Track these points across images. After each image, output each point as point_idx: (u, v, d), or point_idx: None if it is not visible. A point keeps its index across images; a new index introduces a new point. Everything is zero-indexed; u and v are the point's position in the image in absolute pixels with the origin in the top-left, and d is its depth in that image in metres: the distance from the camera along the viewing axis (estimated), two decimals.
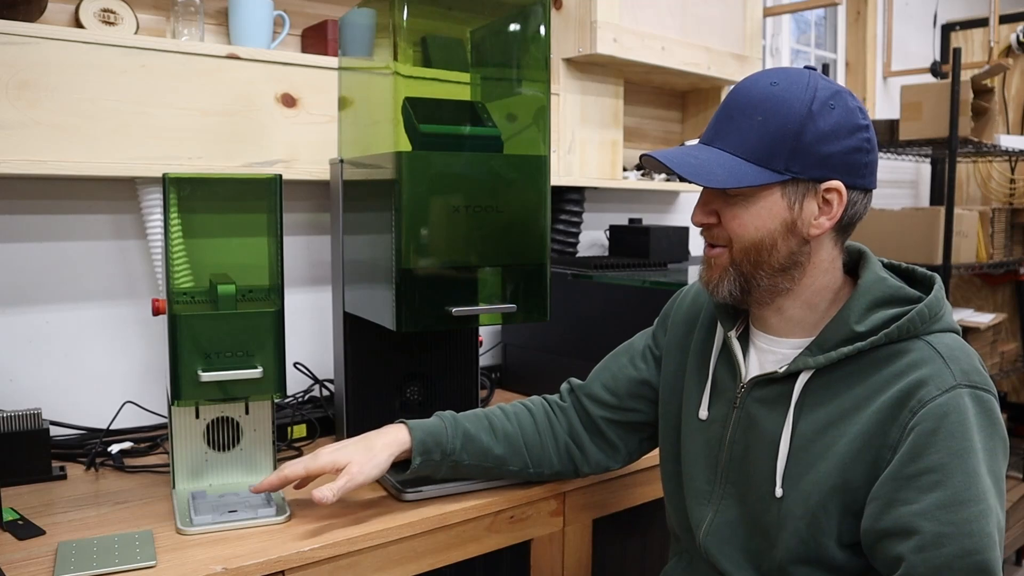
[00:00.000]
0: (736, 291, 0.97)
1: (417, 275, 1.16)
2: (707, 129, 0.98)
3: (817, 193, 0.93)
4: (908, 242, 2.68)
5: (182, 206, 1.14)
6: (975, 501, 0.84)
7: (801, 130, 0.91)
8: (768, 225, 0.94)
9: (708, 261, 1.00)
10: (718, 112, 0.97)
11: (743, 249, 0.95)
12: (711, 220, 0.98)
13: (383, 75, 1.19)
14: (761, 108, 0.92)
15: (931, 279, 0.98)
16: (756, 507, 0.99)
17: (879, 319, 0.93)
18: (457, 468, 1.16)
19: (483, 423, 1.18)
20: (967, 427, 0.86)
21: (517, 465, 1.19)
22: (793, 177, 0.92)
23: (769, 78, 0.94)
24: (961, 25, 3.50)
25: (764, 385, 1.00)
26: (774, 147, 0.91)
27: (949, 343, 0.92)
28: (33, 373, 1.44)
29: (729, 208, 0.95)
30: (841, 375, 0.94)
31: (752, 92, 0.94)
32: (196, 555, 1.00)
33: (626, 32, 1.90)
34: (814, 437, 0.94)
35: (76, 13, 1.41)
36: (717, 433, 1.05)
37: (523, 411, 1.22)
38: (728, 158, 0.93)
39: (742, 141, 0.93)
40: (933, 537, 0.83)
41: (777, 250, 0.95)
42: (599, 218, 2.32)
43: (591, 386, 1.23)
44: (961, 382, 0.88)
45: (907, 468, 0.86)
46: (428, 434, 1.14)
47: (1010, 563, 2.98)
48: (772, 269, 0.96)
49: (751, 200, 0.94)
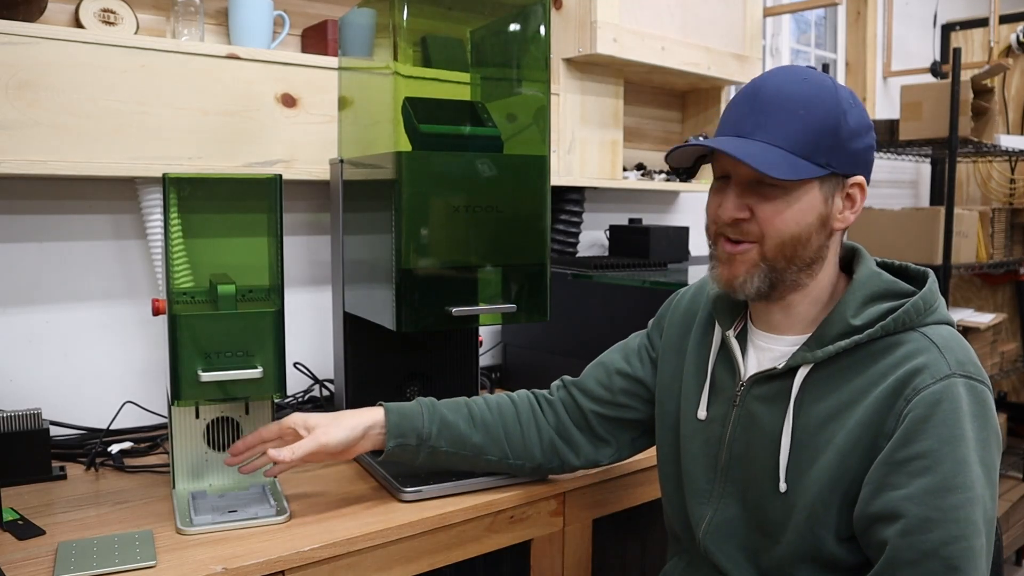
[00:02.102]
0: (764, 287, 0.97)
1: (417, 275, 1.16)
2: (736, 123, 0.95)
3: (844, 187, 0.95)
4: (908, 242, 2.69)
5: (182, 206, 1.14)
6: (963, 489, 0.84)
7: (838, 125, 0.92)
8: (806, 219, 0.94)
9: (731, 258, 0.98)
10: (746, 105, 0.95)
11: (779, 244, 0.94)
12: (744, 215, 0.96)
13: (383, 75, 1.19)
14: (801, 102, 0.92)
15: (924, 274, 0.99)
16: (757, 504, 0.99)
17: (875, 312, 0.94)
18: (435, 455, 1.15)
19: (462, 411, 1.18)
20: (960, 415, 0.87)
21: (496, 455, 1.18)
22: (832, 172, 0.93)
23: (797, 74, 0.95)
24: (961, 25, 3.50)
25: (764, 382, 1.00)
26: (818, 141, 0.92)
27: (944, 334, 0.93)
28: (33, 373, 1.44)
29: (767, 202, 0.94)
30: (839, 368, 0.95)
31: (787, 87, 0.93)
32: (196, 555, 1.00)
33: (626, 32, 1.90)
34: (815, 431, 0.94)
35: (76, 13, 1.41)
36: (717, 432, 1.05)
37: (506, 402, 1.22)
38: (774, 151, 0.91)
39: (786, 134, 0.92)
40: (919, 522, 0.84)
41: (810, 244, 0.95)
42: (599, 218, 2.32)
43: (584, 380, 1.23)
44: (956, 371, 0.89)
45: (898, 453, 0.87)
46: (403, 417, 1.14)
47: (1010, 563, 2.98)
48: (802, 263, 0.96)
49: (791, 194, 0.93)
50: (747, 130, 0.94)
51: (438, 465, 1.18)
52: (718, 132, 0.98)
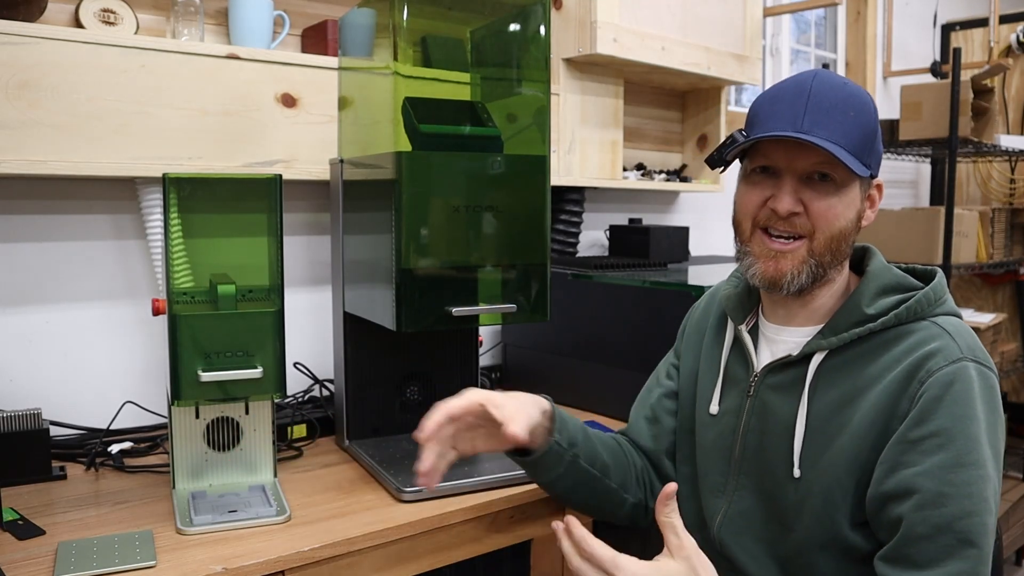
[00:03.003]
0: (809, 282, 0.98)
1: (417, 275, 1.16)
2: (791, 119, 0.95)
3: (870, 188, 1.01)
4: (908, 242, 2.69)
5: (182, 206, 1.14)
6: (976, 465, 0.86)
7: (876, 129, 0.99)
8: (851, 215, 0.98)
9: (779, 254, 0.98)
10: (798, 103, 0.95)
11: (829, 239, 0.97)
12: (799, 209, 0.97)
13: (383, 75, 1.19)
14: (851, 105, 0.96)
15: (932, 271, 1.03)
16: (773, 493, 1.00)
17: (888, 303, 0.97)
18: (575, 467, 1.09)
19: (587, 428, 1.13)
20: (971, 396, 0.89)
21: (617, 480, 1.13)
22: (871, 173, 0.98)
23: (837, 78, 0.99)
24: (961, 25, 3.50)
25: (778, 371, 1.02)
26: (865, 142, 0.96)
27: (955, 323, 0.96)
28: (33, 373, 1.44)
29: (822, 198, 0.96)
30: (852, 356, 0.97)
31: (836, 90, 0.97)
32: (196, 555, 1.00)
33: (626, 32, 1.90)
34: (829, 417, 0.96)
35: (76, 13, 1.41)
36: (731, 424, 1.06)
37: (605, 434, 1.19)
38: (838, 149, 0.94)
39: (844, 133, 0.95)
40: (933, 496, 0.86)
41: (849, 240, 0.99)
42: (599, 218, 2.32)
43: (635, 426, 1.22)
44: (967, 356, 0.91)
45: (911, 432, 0.89)
46: (563, 418, 1.09)
47: (1010, 563, 2.98)
48: (842, 257, 0.99)
49: (842, 190, 0.97)
50: (805, 127, 0.94)
51: (562, 484, 1.11)
52: (763, 127, 0.97)
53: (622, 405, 1.65)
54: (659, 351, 1.29)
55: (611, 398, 1.66)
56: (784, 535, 0.99)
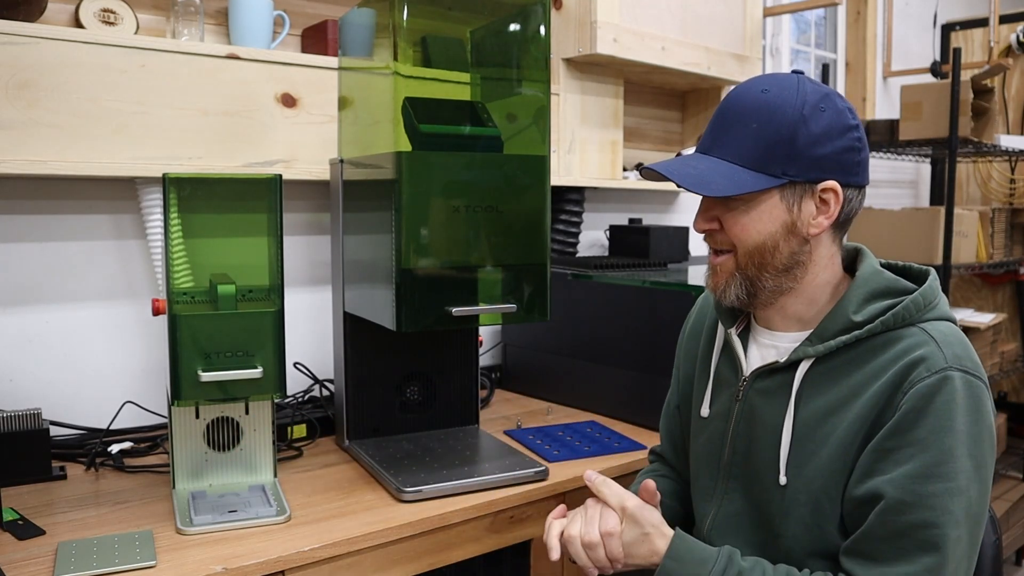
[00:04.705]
0: (743, 294, 0.99)
1: (417, 275, 1.16)
2: (703, 138, 1.00)
3: (814, 194, 0.96)
4: (908, 242, 2.69)
5: (182, 206, 1.14)
6: (945, 478, 0.86)
7: (794, 135, 0.93)
8: (769, 228, 0.96)
9: (713, 268, 1.02)
10: (713, 121, 0.99)
11: (747, 253, 0.97)
12: (713, 226, 0.99)
13: (383, 75, 1.19)
14: (755, 116, 0.94)
15: (926, 272, 1.01)
16: (760, 498, 1.00)
17: (876, 309, 0.96)
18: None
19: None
20: (952, 409, 0.88)
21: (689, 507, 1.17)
22: (790, 180, 0.94)
23: (759, 85, 0.96)
24: (961, 25, 3.50)
25: (766, 376, 1.02)
26: (770, 153, 0.94)
27: (944, 330, 0.94)
28: (33, 373, 1.44)
29: (730, 214, 0.97)
30: (840, 363, 0.96)
31: (744, 100, 0.96)
32: (196, 555, 1.00)
33: (626, 32, 1.90)
34: (815, 424, 0.96)
35: (76, 13, 1.41)
36: (720, 428, 1.06)
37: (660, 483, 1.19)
38: (726, 166, 0.95)
39: (738, 148, 0.95)
40: (895, 504, 0.87)
41: (779, 251, 0.97)
42: (599, 218, 2.32)
43: (663, 445, 1.24)
44: (953, 365, 0.90)
45: (887, 442, 0.89)
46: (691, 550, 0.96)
47: (1010, 563, 2.98)
48: (776, 270, 0.98)
49: (751, 205, 0.96)
50: (707, 146, 0.99)
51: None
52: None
53: (622, 405, 1.65)
54: (659, 351, 1.29)
55: (611, 398, 1.66)
56: (772, 540, 0.99)
